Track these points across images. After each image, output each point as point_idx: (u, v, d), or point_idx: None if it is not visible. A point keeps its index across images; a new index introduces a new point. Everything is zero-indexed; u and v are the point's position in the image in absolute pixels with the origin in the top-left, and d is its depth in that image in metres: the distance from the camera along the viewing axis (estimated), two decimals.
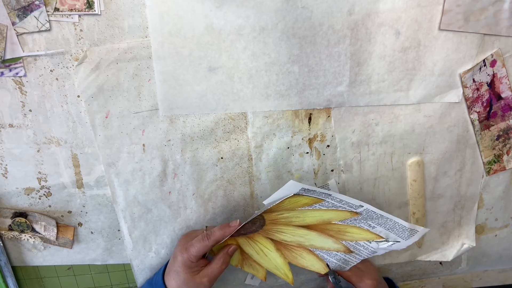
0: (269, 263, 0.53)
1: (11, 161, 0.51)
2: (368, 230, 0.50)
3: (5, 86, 0.47)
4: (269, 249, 0.52)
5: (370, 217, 0.48)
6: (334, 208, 0.48)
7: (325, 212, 0.49)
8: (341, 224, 0.50)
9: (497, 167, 0.56)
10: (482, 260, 0.65)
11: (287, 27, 0.46)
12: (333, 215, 0.49)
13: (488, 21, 0.47)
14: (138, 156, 0.51)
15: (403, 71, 0.49)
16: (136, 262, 0.58)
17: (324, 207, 0.49)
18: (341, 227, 0.50)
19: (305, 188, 0.45)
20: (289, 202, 0.47)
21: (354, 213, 0.48)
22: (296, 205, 0.48)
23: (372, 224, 0.49)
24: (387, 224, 0.49)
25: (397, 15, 0.46)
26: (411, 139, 0.53)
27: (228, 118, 0.50)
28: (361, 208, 0.48)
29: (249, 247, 0.53)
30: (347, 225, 0.50)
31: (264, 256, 0.53)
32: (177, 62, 0.47)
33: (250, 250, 0.53)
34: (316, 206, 0.48)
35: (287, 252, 0.53)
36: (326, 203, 0.48)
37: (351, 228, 0.50)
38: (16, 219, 0.54)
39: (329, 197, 0.47)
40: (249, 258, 0.54)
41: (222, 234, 0.48)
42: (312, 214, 0.49)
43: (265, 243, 0.52)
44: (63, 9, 0.43)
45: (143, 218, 0.55)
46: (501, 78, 0.51)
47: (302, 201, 0.48)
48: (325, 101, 0.50)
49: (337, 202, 0.47)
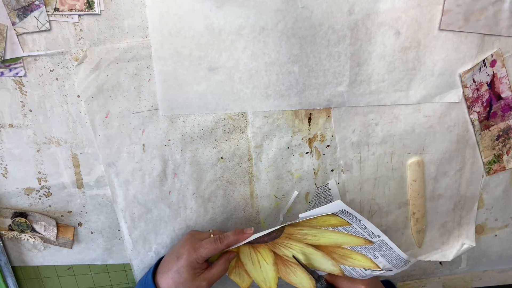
0: (260, 275, 0.53)
1: (11, 161, 0.51)
2: (371, 259, 0.49)
3: (5, 86, 0.47)
4: (266, 262, 0.52)
5: (379, 248, 0.48)
6: (353, 234, 0.47)
7: (343, 236, 0.48)
8: (349, 249, 0.49)
9: (497, 167, 0.56)
10: (482, 260, 0.65)
11: (287, 27, 0.46)
12: (347, 240, 0.48)
13: (488, 21, 0.47)
14: (138, 156, 0.51)
15: (403, 71, 0.49)
16: (136, 262, 0.58)
17: (345, 231, 0.47)
18: (348, 253, 0.50)
19: (345, 210, 0.44)
20: (319, 220, 0.47)
21: (368, 242, 0.47)
22: (322, 224, 0.47)
23: (377, 254, 0.48)
24: (390, 255, 0.48)
25: (397, 15, 0.46)
26: (411, 139, 0.53)
27: (228, 118, 0.50)
28: (377, 238, 0.47)
29: (247, 257, 0.52)
30: (354, 251, 0.49)
31: (259, 268, 0.52)
32: (177, 62, 0.47)
33: (246, 260, 0.52)
34: (339, 229, 0.47)
35: (282, 267, 0.53)
36: (350, 228, 0.47)
37: (356, 254, 0.50)
38: (16, 219, 0.54)
39: (357, 223, 0.46)
40: (241, 267, 0.53)
41: (236, 240, 0.48)
42: (329, 236, 0.48)
43: (266, 255, 0.52)
44: (63, 9, 0.43)
45: (143, 218, 0.55)
46: (501, 78, 0.51)
47: (331, 221, 0.47)
48: (325, 101, 0.50)
49: (361, 229, 0.46)
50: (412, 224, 0.59)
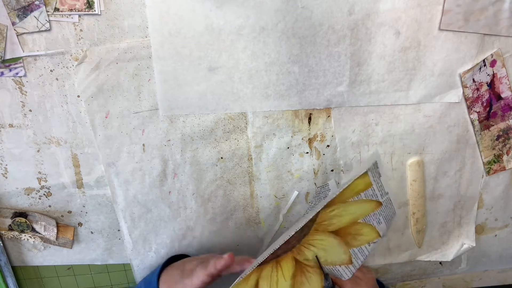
0: None
1: (11, 161, 0.51)
2: (375, 227, 0.50)
3: (5, 86, 0.47)
4: (285, 279, 0.50)
5: (385, 208, 0.50)
6: (370, 198, 0.49)
7: (361, 206, 0.50)
8: (362, 223, 0.50)
9: (497, 167, 0.56)
10: (482, 260, 0.65)
11: (287, 27, 0.46)
12: (363, 210, 0.50)
13: (488, 21, 0.47)
14: (138, 156, 0.51)
15: (403, 71, 0.49)
16: (136, 262, 0.58)
17: (364, 197, 0.49)
18: (359, 228, 0.50)
19: (376, 163, 0.49)
20: (352, 188, 0.48)
21: (378, 204, 0.50)
22: (351, 193, 0.49)
23: (381, 219, 0.50)
24: (388, 212, 0.50)
25: (397, 15, 0.46)
26: (411, 139, 0.53)
27: (228, 118, 0.50)
28: (385, 196, 0.50)
29: (266, 281, 0.49)
30: (365, 224, 0.50)
31: (275, 287, 0.50)
32: (177, 62, 0.47)
33: (265, 285, 0.49)
34: (361, 195, 0.49)
35: (299, 278, 0.51)
36: (370, 191, 0.49)
37: (366, 228, 0.51)
38: (16, 219, 0.54)
39: (377, 179, 0.49)
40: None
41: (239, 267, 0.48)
42: (352, 210, 0.50)
43: (287, 268, 0.50)
44: (63, 9, 0.43)
45: (143, 218, 0.55)
46: (501, 78, 0.51)
47: (360, 186, 0.49)
48: (325, 101, 0.50)
49: (377, 188, 0.49)
50: (412, 224, 0.59)
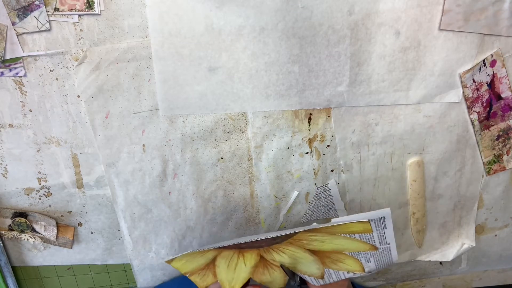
0: (229, 275, 0.51)
1: (11, 161, 0.51)
2: (361, 264, 0.48)
3: (5, 86, 0.47)
4: (245, 265, 0.50)
5: (380, 254, 0.47)
6: (365, 241, 0.46)
7: (351, 243, 0.46)
8: (347, 254, 0.48)
9: (497, 167, 0.56)
10: (482, 260, 0.65)
11: (287, 27, 0.46)
12: (353, 247, 0.47)
13: (488, 21, 0.47)
14: (138, 156, 0.51)
15: (403, 71, 0.49)
16: (136, 262, 0.58)
17: (358, 238, 0.46)
18: (342, 258, 0.48)
19: (383, 218, 0.43)
20: (344, 226, 0.45)
21: (373, 248, 0.46)
22: (343, 231, 0.45)
23: (372, 259, 0.47)
24: (384, 260, 0.47)
25: (397, 15, 0.46)
26: (411, 139, 0.53)
27: (228, 118, 0.50)
28: (385, 246, 0.46)
29: (225, 260, 0.50)
30: (350, 256, 0.48)
31: (232, 270, 0.50)
32: (177, 62, 0.47)
33: (222, 263, 0.50)
34: (355, 236, 0.46)
35: (260, 269, 0.51)
36: (368, 236, 0.45)
37: (349, 259, 0.48)
38: (16, 219, 0.54)
39: (381, 231, 0.44)
40: (211, 268, 0.51)
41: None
42: (338, 242, 0.46)
43: (250, 259, 0.50)
44: (63, 9, 0.43)
45: (143, 218, 0.55)
46: (501, 78, 0.51)
47: (356, 228, 0.44)
48: (325, 101, 0.50)
49: (377, 237, 0.45)
50: (412, 224, 0.59)
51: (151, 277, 0.60)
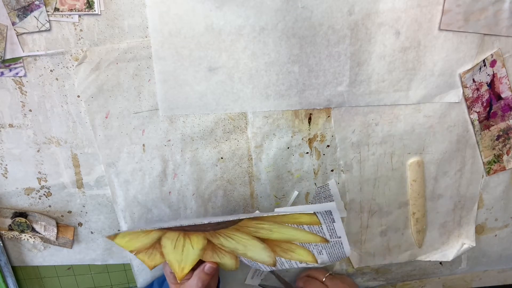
0: (177, 256, 0.50)
1: (11, 161, 0.51)
2: (313, 255, 0.48)
3: (5, 86, 0.47)
4: (192, 247, 0.49)
5: (331, 246, 0.47)
6: (314, 232, 0.45)
7: (300, 234, 0.46)
8: (297, 244, 0.47)
9: (497, 167, 0.56)
10: (482, 260, 0.65)
11: (287, 27, 0.46)
12: (303, 237, 0.46)
13: (488, 21, 0.47)
14: (138, 156, 0.51)
15: (403, 71, 0.49)
16: (136, 262, 0.58)
17: (307, 230, 0.45)
18: (293, 247, 0.48)
19: (330, 212, 0.43)
20: (291, 217, 0.44)
21: (324, 241, 0.46)
22: (290, 221, 0.45)
23: (324, 252, 0.47)
24: (336, 253, 0.47)
25: (397, 15, 0.46)
26: (411, 139, 0.53)
27: (228, 118, 0.50)
28: (335, 239, 0.46)
29: (170, 241, 0.49)
30: (301, 246, 0.47)
31: (180, 251, 0.50)
32: (177, 62, 0.47)
33: (168, 244, 0.49)
34: (304, 227, 0.45)
35: (209, 252, 0.50)
36: (317, 228, 0.45)
37: (300, 250, 0.48)
38: (16, 219, 0.54)
39: (330, 224, 0.44)
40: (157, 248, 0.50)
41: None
42: (285, 231, 0.46)
43: (197, 242, 0.49)
44: (63, 9, 0.43)
45: (143, 218, 0.55)
46: (501, 78, 0.51)
47: (303, 219, 0.44)
48: (325, 101, 0.50)
49: (327, 230, 0.45)
50: (412, 224, 0.59)
51: (151, 277, 0.60)
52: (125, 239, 0.49)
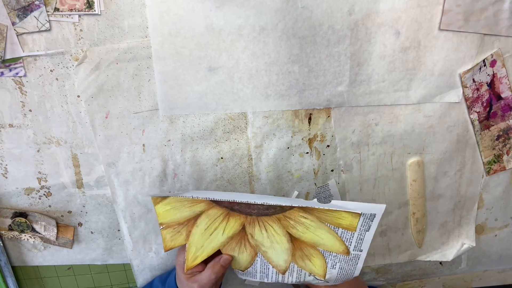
0: (200, 241, 0.49)
1: (11, 161, 0.51)
2: (326, 268, 0.49)
3: (5, 86, 0.47)
4: (223, 233, 0.49)
5: (348, 260, 0.48)
6: (344, 240, 0.47)
7: (331, 239, 0.47)
8: (319, 252, 0.48)
9: (497, 167, 0.56)
10: (482, 260, 0.65)
11: (287, 27, 0.46)
12: (330, 244, 0.48)
13: (488, 21, 0.47)
14: (138, 156, 0.51)
15: (403, 71, 0.49)
16: (136, 262, 0.58)
17: (339, 235, 0.47)
18: (314, 254, 0.49)
19: (375, 215, 0.44)
20: (336, 215, 0.45)
21: (346, 252, 0.48)
22: (332, 221, 0.46)
23: (338, 265, 0.49)
24: (347, 269, 0.49)
25: (397, 15, 0.46)
26: (411, 139, 0.53)
27: (228, 118, 0.50)
28: (357, 252, 0.47)
29: (206, 221, 0.48)
30: (321, 254, 0.49)
31: (208, 235, 0.49)
32: (177, 62, 0.47)
33: (203, 224, 0.48)
34: (339, 231, 0.46)
35: (233, 242, 0.50)
36: (348, 235, 0.46)
37: (317, 259, 0.49)
38: (16, 219, 0.54)
39: (364, 232, 0.46)
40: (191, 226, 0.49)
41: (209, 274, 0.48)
42: (320, 234, 0.47)
43: (231, 227, 0.48)
44: (63, 9, 0.43)
45: (143, 218, 0.55)
46: (501, 78, 0.51)
47: (344, 221, 0.45)
48: (325, 101, 0.50)
49: (356, 239, 0.46)
50: (412, 224, 0.59)
51: (151, 277, 0.60)
52: (167, 207, 0.47)
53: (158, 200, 0.46)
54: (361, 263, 0.48)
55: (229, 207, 0.47)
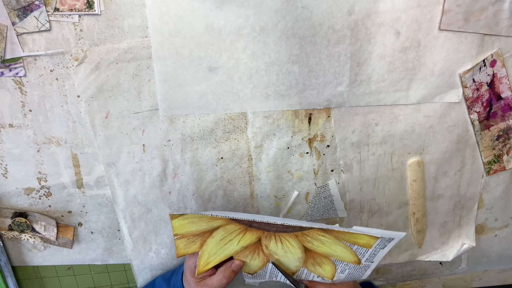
0: (213, 249, 0.49)
1: (11, 161, 0.51)
2: (335, 272, 0.49)
3: (5, 86, 0.47)
4: (237, 243, 0.49)
5: (358, 269, 0.48)
6: (358, 254, 0.47)
7: (345, 252, 0.47)
8: (330, 260, 0.49)
9: (497, 167, 0.56)
10: (482, 260, 0.65)
11: (287, 27, 0.46)
12: (343, 256, 0.48)
13: (488, 21, 0.47)
14: (138, 156, 0.51)
15: (403, 71, 0.49)
16: (136, 262, 0.58)
17: (353, 249, 0.47)
18: (325, 262, 0.49)
19: (392, 239, 0.44)
20: (353, 236, 0.45)
21: (357, 262, 0.48)
22: (349, 240, 0.46)
23: (347, 271, 0.49)
24: (355, 274, 0.49)
25: (397, 15, 0.46)
26: (411, 139, 0.53)
27: (228, 118, 0.50)
28: (368, 262, 0.47)
29: (222, 234, 0.48)
30: (332, 262, 0.49)
31: (222, 245, 0.49)
32: (177, 62, 0.47)
33: (219, 236, 0.48)
34: (354, 247, 0.46)
35: (246, 251, 0.50)
36: (363, 250, 0.46)
37: (328, 266, 0.49)
38: (16, 219, 0.54)
39: (378, 250, 0.46)
40: (206, 237, 0.48)
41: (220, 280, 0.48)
42: (335, 248, 0.47)
43: (246, 240, 0.48)
44: (63, 9, 0.43)
45: (143, 218, 0.55)
46: (501, 78, 0.51)
47: (362, 241, 0.45)
48: (325, 101, 0.50)
49: (370, 253, 0.46)
50: (412, 224, 0.59)
51: (151, 277, 0.60)
52: (185, 221, 0.46)
53: (176, 216, 0.46)
54: (370, 270, 0.48)
55: (248, 224, 0.47)
